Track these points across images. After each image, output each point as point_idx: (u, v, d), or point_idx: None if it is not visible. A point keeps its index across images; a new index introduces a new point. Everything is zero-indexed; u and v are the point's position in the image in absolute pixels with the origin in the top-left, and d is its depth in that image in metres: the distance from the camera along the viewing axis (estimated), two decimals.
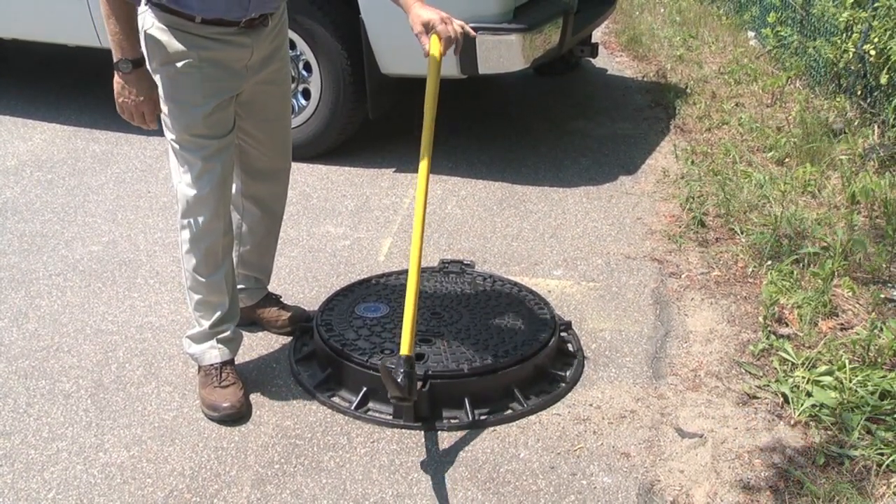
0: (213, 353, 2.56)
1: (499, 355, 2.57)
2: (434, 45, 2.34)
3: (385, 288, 3.01)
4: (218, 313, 2.55)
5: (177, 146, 2.42)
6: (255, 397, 2.60)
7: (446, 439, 2.41)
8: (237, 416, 2.48)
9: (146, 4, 2.31)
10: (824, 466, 2.26)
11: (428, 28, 2.33)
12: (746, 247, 3.36)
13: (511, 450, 2.37)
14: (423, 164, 2.34)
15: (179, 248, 2.53)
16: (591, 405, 2.56)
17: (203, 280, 2.51)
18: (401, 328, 2.30)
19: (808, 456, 2.30)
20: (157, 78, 2.36)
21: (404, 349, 2.26)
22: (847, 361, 2.58)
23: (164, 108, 2.39)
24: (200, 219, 2.45)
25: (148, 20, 2.31)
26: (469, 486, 2.24)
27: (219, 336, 2.57)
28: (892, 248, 3.24)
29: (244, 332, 2.80)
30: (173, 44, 2.29)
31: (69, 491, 2.23)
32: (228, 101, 2.42)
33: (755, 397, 2.56)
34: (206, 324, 2.55)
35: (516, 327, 2.75)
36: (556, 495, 2.21)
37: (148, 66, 2.35)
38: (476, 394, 2.50)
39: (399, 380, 2.22)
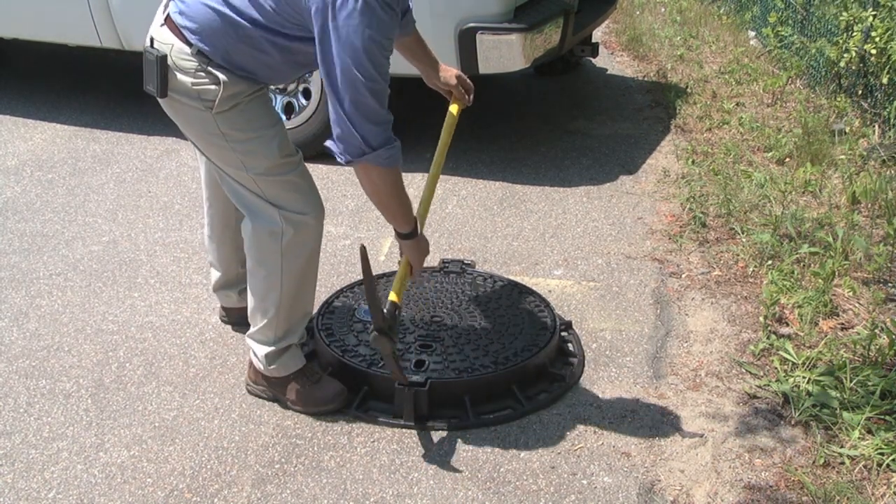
0: (296, 353, 2.54)
1: (499, 361, 2.57)
2: (454, 105, 2.71)
3: (385, 289, 3.00)
4: (305, 321, 2.55)
5: (267, 178, 2.34)
6: (255, 397, 2.60)
7: (446, 439, 2.41)
8: (344, 395, 2.52)
9: (195, 56, 2.21)
10: (824, 466, 2.26)
11: (451, 88, 2.69)
12: (747, 246, 3.36)
13: (511, 449, 2.37)
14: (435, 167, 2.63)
15: (271, 277, 2.41)
16: (591, 405, 2.56)
17: (302, 294, 2.48)
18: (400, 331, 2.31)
19: (808, 456, 2.30)
20: (228, 123, 2.28)
21: (393, 297, 2.35)
22: (847, 361, 2.58)
23: (242, 155, 2.32)
24: (311, 237, 2.42)
25: (212, 74, 2.23)
26: (469, 486, 2.24)
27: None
28: (893, 248, 3.24)
29: (244, 332, 2.80)
30: (239, 85, 2.27)
31: (69, 490, 2.23)
32: None
33: (755, 397, 2.56)
34: (295, 338, 2.51)
35: (516, 328, 2.75)
36: (557, 495, 2.21)
37: (211, 114, 2.26)
38: (476, 393, 2.50)
39: (385, 310, 2.30)
